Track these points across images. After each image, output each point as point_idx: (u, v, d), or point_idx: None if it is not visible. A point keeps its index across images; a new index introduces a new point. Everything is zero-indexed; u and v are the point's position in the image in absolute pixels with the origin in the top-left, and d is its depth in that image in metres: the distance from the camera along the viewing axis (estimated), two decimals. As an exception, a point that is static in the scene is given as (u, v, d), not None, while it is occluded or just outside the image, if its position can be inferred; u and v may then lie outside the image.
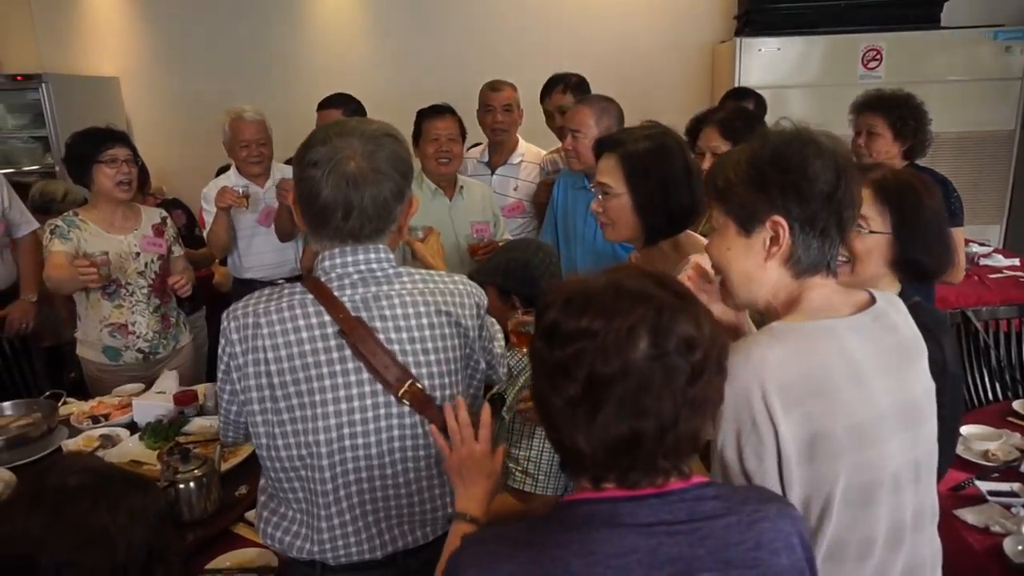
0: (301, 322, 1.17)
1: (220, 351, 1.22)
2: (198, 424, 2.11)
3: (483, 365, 1.32)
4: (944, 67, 3.96)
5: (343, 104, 2.82)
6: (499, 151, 3.09)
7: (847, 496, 1.00)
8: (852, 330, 1.04)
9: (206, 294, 3.34)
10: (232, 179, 2.96)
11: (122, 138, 2.48)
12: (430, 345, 1.21)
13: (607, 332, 0.78)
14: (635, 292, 0.81)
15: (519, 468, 1.66)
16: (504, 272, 1.79)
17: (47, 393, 2.35)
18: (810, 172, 1.02)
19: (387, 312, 1.19)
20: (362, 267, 1.20)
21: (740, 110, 2.48)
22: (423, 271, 1.27)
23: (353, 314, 1.17)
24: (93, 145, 2.41)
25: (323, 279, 1.20)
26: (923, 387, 1.10)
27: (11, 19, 4.93)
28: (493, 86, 2.99)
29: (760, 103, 3.17)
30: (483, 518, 1.13)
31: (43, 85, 4.52)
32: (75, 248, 2.42)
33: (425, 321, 1.21)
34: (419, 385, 1.19)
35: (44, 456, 1.99)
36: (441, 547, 1.27)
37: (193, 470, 1.67)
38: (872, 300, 1.09)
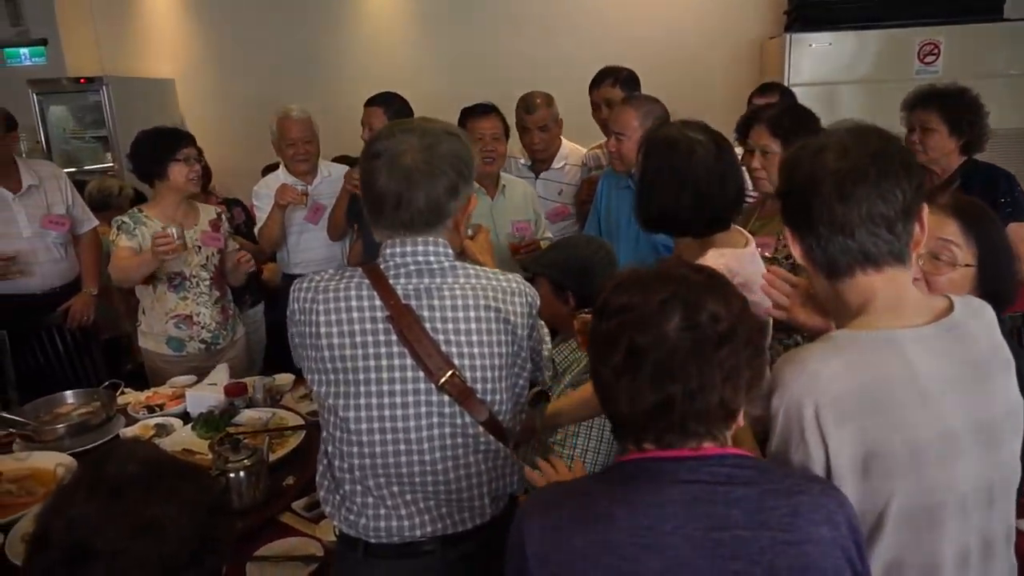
0: (354, 303, 1.22)
1: (288, 309, 1.30)
2: (248, 415, 2.17)
3: (531, 364, 1.32)
4: (1007, 61, 3.79)
5: (385, 103, 2.84)
6: (542, 157, 3.06)
7: (905, 517, 0.96)
8: (919, 342, 0.99)
9: (264, 289, 3.43)
10: (281, 177, 3.03)
11: (191, 139, 2.62)
12: (475, 338, 1.22)
13: (643, 305, 0.89)
14: (670, 274, 0.93)
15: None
16: (562, 267, 1.79)
17: (106, 383, 2.43)
18: (787, 180, 1.06)
19: (436, 303, 1.22)
20: (420, 258, 1.24)
21: (790, 108, 2.41)
22: (478, 267, 1.30)
23: (404, 302, 1.21)
24: (169, 144, 2.53)
25: (382, 266, 1.25)
26: (1006, 405, 1.03)
27: (75, 25, 5.13)
28: (527, 107, 2.88)
29: (786, 96, 3.08)
30: None
31: (104, 87, 4.68)
32: (139, 244, 2.52)
33: (472, 315, 1.23)
34: (460, 376, 1.21)
35: (103, 443, 2.07)
36: (481, 541, 1.29)
37: (243, 460, 1.72)
38: (951, 308, 1.04)
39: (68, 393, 2.31)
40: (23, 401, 2.47)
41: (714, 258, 1.38)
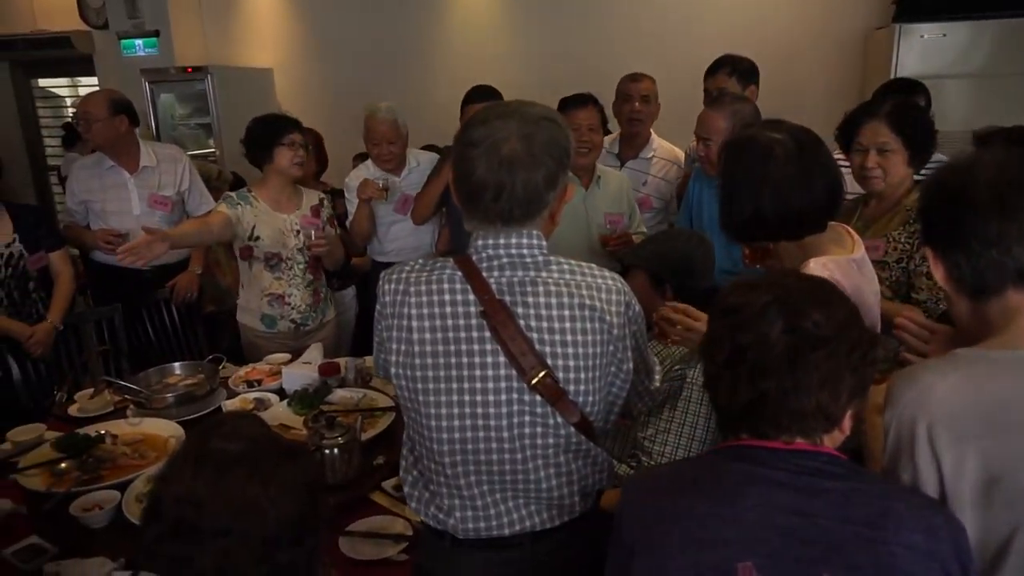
0: (447, 297, 1.19)
1: (378, 302, 1.28)
2: (340, 395, 2.24)
3: (629, 365, 1.26)
4: None
5: (491, 97, 2.83)
6: (631, 144, 3.04)
7: None
8: None
9: (355, 273, 3.53)
10: (371, 170, 3.11)
11: (297, 125, 2.71)
12: (569, 338, 1.18)
13: (747, 308, 0.95)
14: (776, 280, 0.99)
15: (651, 462, 1.65)
16: (662, 260, 1.77)
17: (209, 357, 2.57)
18: (931, 196, 1.06)
19: (530, 299, 1.18)
20: (513, 251, 1.19)
21: (909, 103, 2.26)
22: (573, 262, 1.25)
23: (497, 297, 1.17)
24: (277, 129, 2.65)
25: (474, 258, 1.21)
26: None
27: (184, 17, 5.40)
28: (633, 76, 2.98)
29: (929, 98, 2.91)
30: None
31: (209, 76, 4.93)
32: (236, 216, 2.64)
33: (567, 313, 1.18)
34: (553, 377, 1.17)
35: (206, 413, 2.19)
36: (568, 535, 1.28)
37: (337, 437, 1.77)
38: None
39: (176, 365, 2.44)
40: (133, 371, 2.64)
41: (816, 269, 1.32)
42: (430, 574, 1.33)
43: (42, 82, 6.44)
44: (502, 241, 1.20)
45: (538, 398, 1.18)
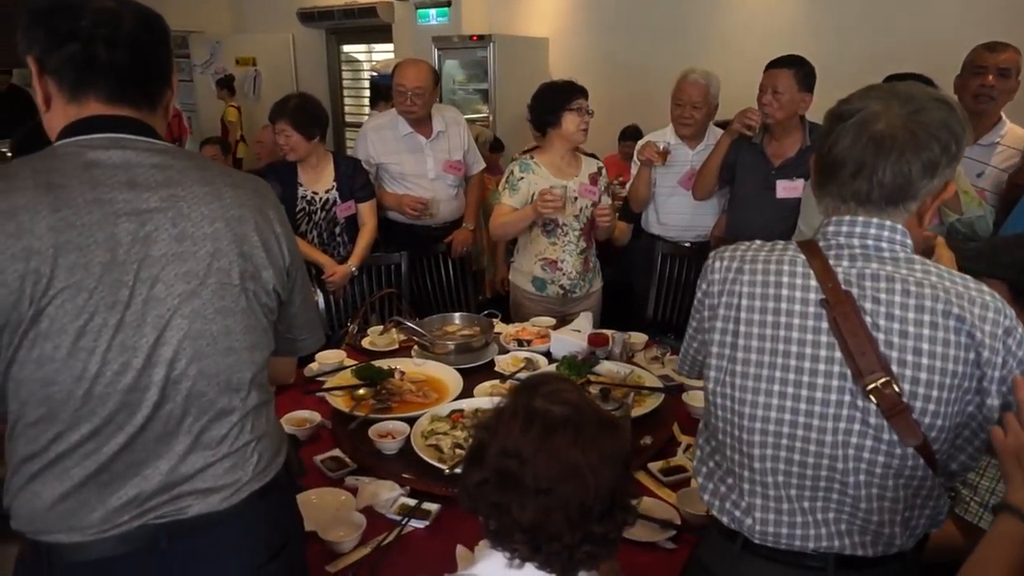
0: (785, 279, 1.11)
1: (699, 285, 1.24)
2: (606, 367, 2.23)
3: (994, 402, 1.05)
4: None
5: (796, 64, 2.63)
6: (973, 126, 2.56)
7: None
8: None
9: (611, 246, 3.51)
10: (666, 135, 3.05)
11: (585, 92, 2.72)
12: (925, 347, 1.02)
13: None
14: None
15: (976, 498, 1.41)
16: None
17: (485, 312, 2.71)
18: None
19: (882, 296, 1.05)
20: (869, 241, 1.09)
21: None
22: (941, 266, 1.09)
23: (844, 288, 1.07)
24: (568, 94, 2.69)
25: (821, 244, 1.12)
26: None
27: (472, -14, 5.74)
28: (990, 46, 2.55)
29: None
30: None
31: (491, 44, 5.18)
32: (522, 199, 2.70)
33: (927, 318, 1.02)
34: (895, 387, 1.02)
35: (479, 365, 2.30)
36: (880, 570, 1.12)
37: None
38: None
39: (456, 315, 2.61)
40: (412, 315, 2.88)
41: None
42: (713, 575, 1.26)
43: (346, 48, 7.29)
44: (858, 230, 1.09)
45: (873, 407, 1.04)
